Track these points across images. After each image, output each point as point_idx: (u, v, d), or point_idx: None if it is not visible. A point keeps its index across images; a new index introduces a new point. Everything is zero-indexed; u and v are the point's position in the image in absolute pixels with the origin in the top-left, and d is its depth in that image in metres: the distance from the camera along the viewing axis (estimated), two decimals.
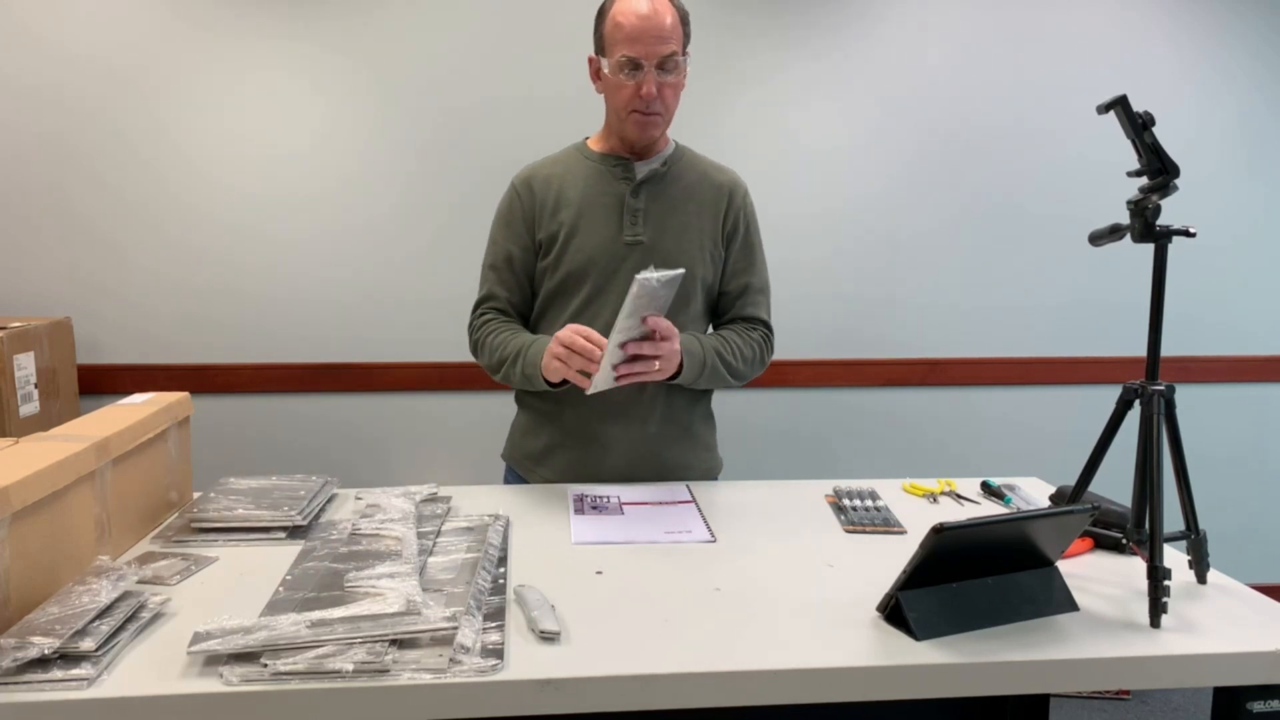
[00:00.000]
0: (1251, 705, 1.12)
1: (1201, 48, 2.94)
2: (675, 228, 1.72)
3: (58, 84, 2.61)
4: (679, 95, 1.69)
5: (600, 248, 1.69)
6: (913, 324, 2.98)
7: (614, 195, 1.71)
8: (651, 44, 1.60)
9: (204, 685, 0.98)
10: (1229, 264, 3.05)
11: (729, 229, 1.78)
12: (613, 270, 1.69)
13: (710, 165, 1.81)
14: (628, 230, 1.69)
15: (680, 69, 1.65)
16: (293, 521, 1.43)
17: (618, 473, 1.73)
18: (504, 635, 1.09)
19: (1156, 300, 1.28)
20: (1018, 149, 2.93)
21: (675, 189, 1.73)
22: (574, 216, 1.70)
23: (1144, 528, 1.24)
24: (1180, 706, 2.78)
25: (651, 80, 1.61)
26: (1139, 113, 1.25)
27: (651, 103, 1.63)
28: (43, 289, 2.68)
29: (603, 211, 1.70)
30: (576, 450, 1.74)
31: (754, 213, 1.83)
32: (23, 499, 1.08)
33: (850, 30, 2.83)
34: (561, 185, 1.73)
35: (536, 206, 1.73)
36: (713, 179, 1.78)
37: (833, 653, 1.07)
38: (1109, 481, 2.69)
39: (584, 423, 1.73)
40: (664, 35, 1.60)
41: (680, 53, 1.64)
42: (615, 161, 1.73)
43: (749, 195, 1.82)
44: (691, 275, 1.71)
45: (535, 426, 1.80)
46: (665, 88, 1.64)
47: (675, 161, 1.76)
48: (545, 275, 1.73)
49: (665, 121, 1.69)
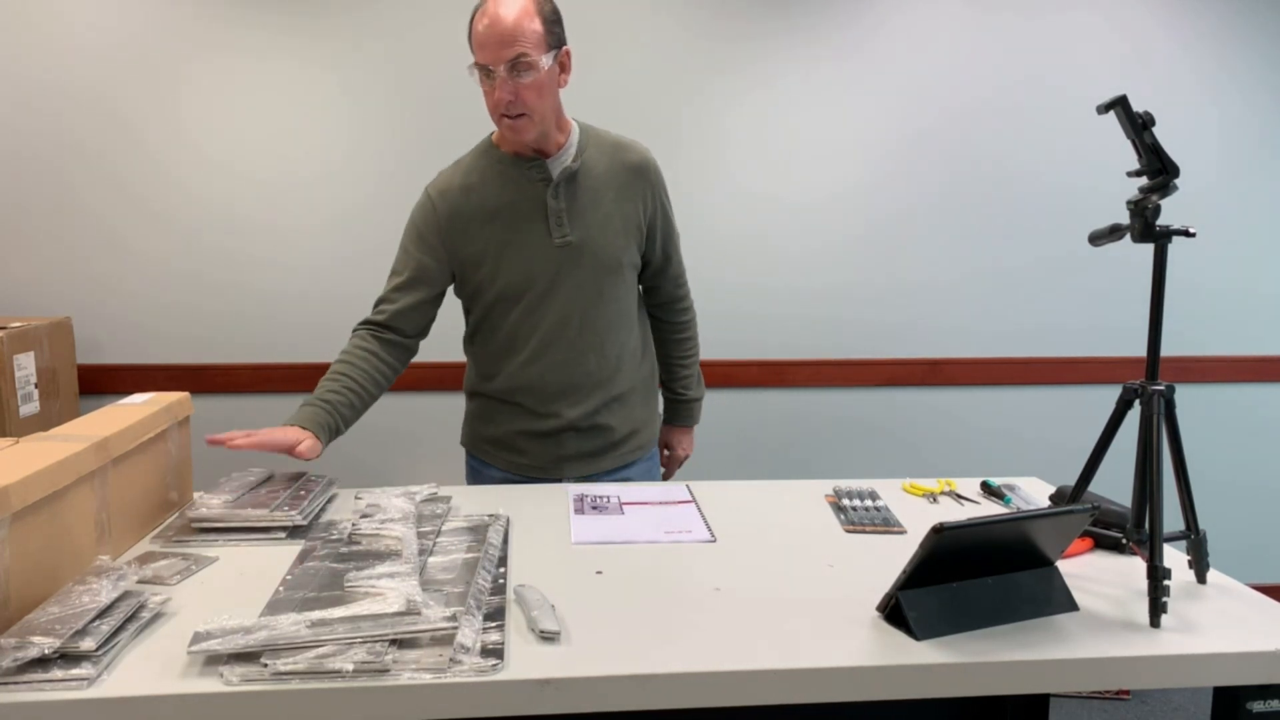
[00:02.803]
0: (1251, 705, 1.12)
1: (1201, 46, 2.94)
2: (599, 221, 1.74)
3: (57, 84, 2.61)
4: (547, 94, 1.64)
5: (534, 257, 1.71)
6: (913, 324, 2.98)
7: (534, 200, 1.71)
8: (496, 49, 1.57)
9: (204, 685, 0.98)
10: (1229, 264, 3.05)
11: (649, 208, 1.81)
12: (552, 276, 1.72)
13: (618, 145, 1.79)
14: (556, 233, 1.71)
15: (536, 70, 1.59)
16: (293, 521, 1.43)
17: (578, 450, 1.81)
18: (504, 635, 1.09)
19: (1156, 300, 1.28)
20: (1018, 150, 2.93)
21: (591, 180, 1.74)
22: (502, 229, 1.71)
23: (1144, 528, 1.24)
24: (1180, 706, 2.78)
25: (503, 85, 1.58)
26: (1139, 113, 1.25)
27: (509, 107, 1.60)
28: (43, 289, 2.68)
29: (528, 219, 1.71)
30: (535, 434, 1.80)
31: (664, 182, 1.85)
32: (23, 499, 1.08)
33: (851, 31, 2.83)
34: (481, 198, 1.72)
35: (456, 223, 1.72)
36: (624, 160, 1.77)
37: (833, 653, 1.07)
38: (1109, 481, 2.70)
39: (539, 406, 1.79)
40: (508, 39, 1.56)
41: (535, 53, 1.58)
42: (528, 164, 1.71)
43: (659, 169, 1.83)
44: (620, 263, 1.76)
45: (490, 413, 1.84)
46: (524, 90, 1.59)
47: (584, 149, 1.75)
48: (481, 289, 1.75)
49: (537, 122, 1.65)
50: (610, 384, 1.80)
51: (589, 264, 1.73)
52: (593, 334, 1.76)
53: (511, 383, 1.79)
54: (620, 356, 1.81)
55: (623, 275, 1.78)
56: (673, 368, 1.99)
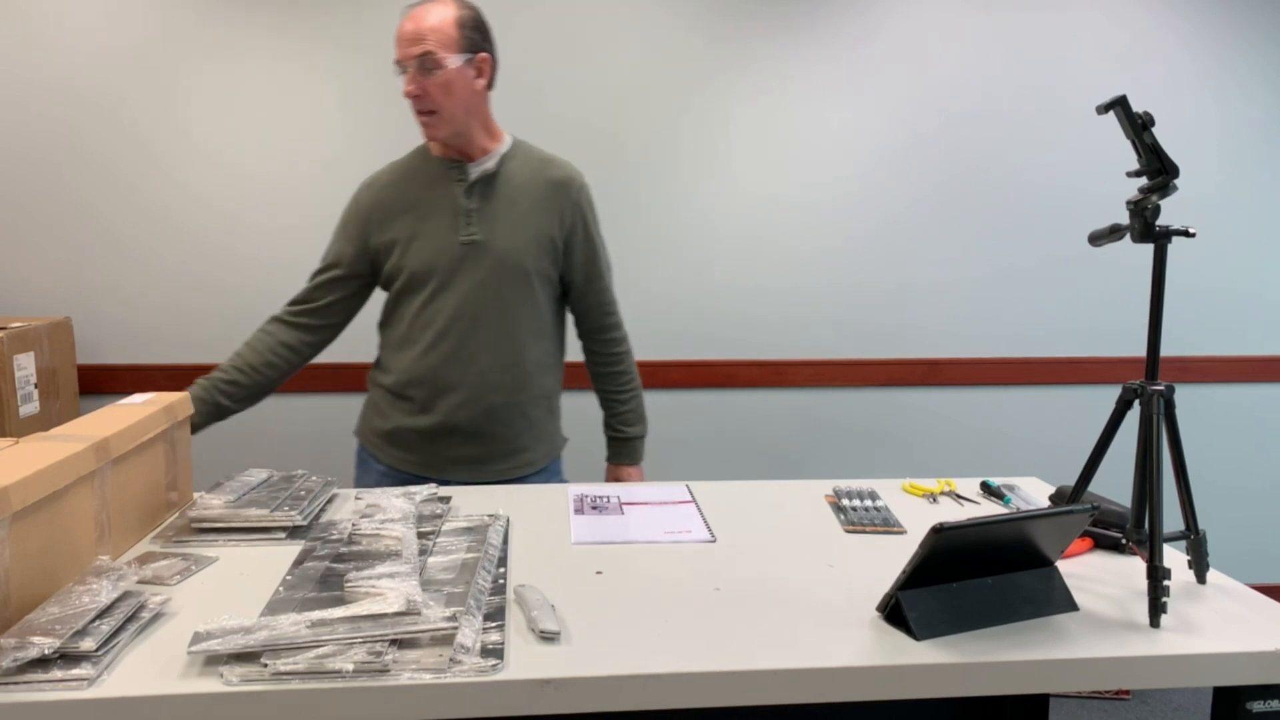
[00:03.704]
0: (1251, 705, 1.12)
1: (1201, 46, 2.94)
2: (508, 225, 1.78)
3: (58, 85, 2.61)
4: (455, 93, 1.71)
5: (438, 249, 1.77)
6: (912, 324, 2.98)
7: (449, 197, 1.78)
8: (406, 46, 1.68)
9: (204, 685, 0.98)
10: (1229, 264, 3.06)
11: (567, 223, 1.83)
12: (452, 270, 1.77)
13: (547, 160, 1.85)
14: (462, 231, 1.76)
15: (443, 67, 1.68)
16: (293, 521, 1.43)
17: (465, 454, 1.82)
18: (504, 635, 1.09)
19: (1156, 300, 1.28)
20: (1017, 150, 2.93)
21: (508, 187, 1.79)
22: (413, 221, 1.79)
23: (1144, 528, 1.24)
24: (1180, 706, 2.78)
25: (411, 80, 1.69)
26: (1138, 113, 1.25)
27: (417, 102, 1.70)
28: (43, 289, 2.68)
29: (439, 214, 1.78)
30: (424, 433, 1.82)
31: (592, 204, 1.88)
32: (23, 499, 1.08)
33: (850, 31, 2.83)
34: (401, 191, 1.81)
35: (376, 213, 1.81)
36: (547, 175, 1.82)
37: (833, 653, 1.07)
38: (1109, 481, 2.71)
39: (424, 401, 1.81)
40: (417, 37, 1.67)
41: (442, 52, 1.67)
42: (450, 164, 1.80)
43: (585, 189, 1.86)
44: (525, 270, 1.79)
45: (384, 407, 1.86)
46: (430, 88, 1.69)
47: (510, 159, 1.81)
48: (392, 277, 1.81)
49: (447, 120, 1.73)
50: (503, 391, 1.80)
51: (492, 265, 1.76)
52: (489, 335, 1.78)
53: (405, 375, 1.81)
54: (518, 365, 1.81)
55: (529, 284, 1.79)
56: (609, 403, 1.98)
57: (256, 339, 1.82)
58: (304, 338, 1.84)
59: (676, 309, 2.88)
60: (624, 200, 2.82)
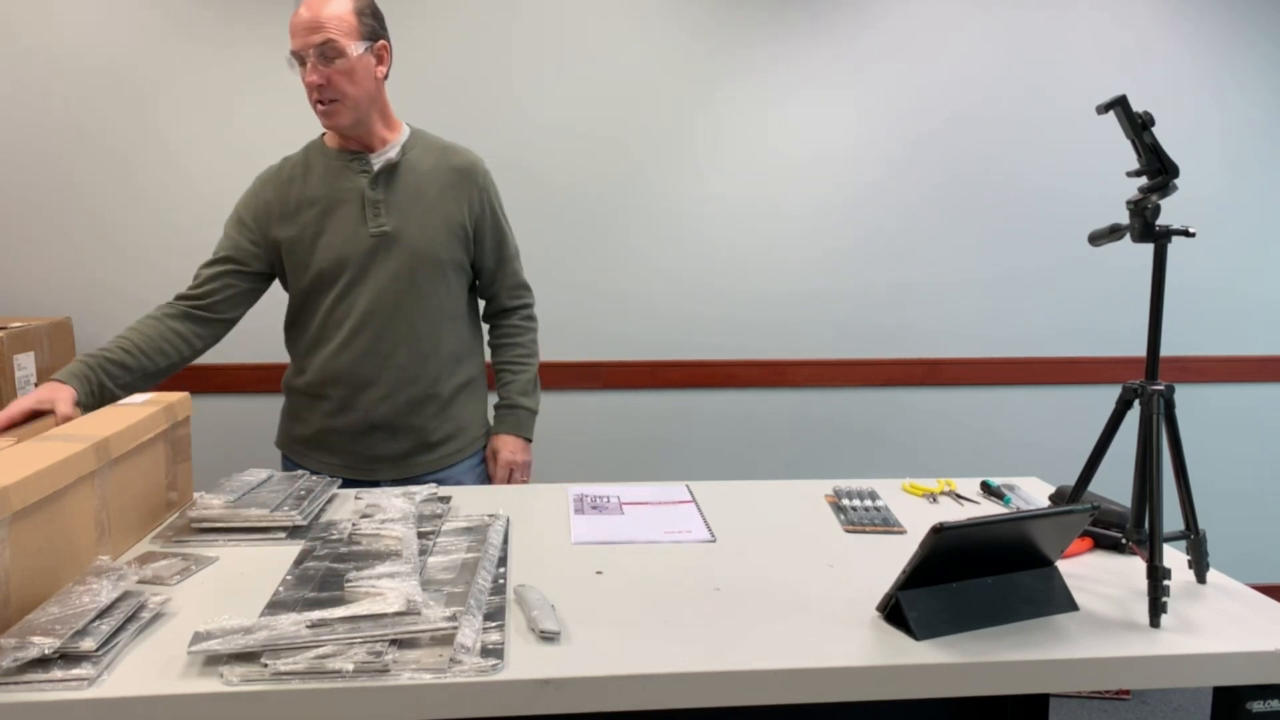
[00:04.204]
0: (1251, 705, 1.12)
1: (1201, 45, 2.94)
2: (418, 214, 1.76)
3: (58, 83, 2.61)
4: (359, 80, 1.70)
5: (347, 243, 1.74)
6: (912, 324, 2.98)
7: (354, 189, 1.75)
8: (304, 35, 1.65)
9: (204, 685, 0.98)
10: (1229, 264, 3.05)
11: (475, 210, 1.82)
12: (363, 264, 1.75)
13: (447, 148, 1.84)
14: (371, 222, 1.74)
15: (345, 55, 1.66)
16: (293, 521, 1.43)
17: (389, 451, 1.81)
18: (504, 635, 1.09)
19: (1156, 300, 1.28)
20: (1017, 150, 2.93)
21: (413, 176, 1.78)
22: (318, 215, 1.75)
23: (1144, 528, 1.24)
24: (1180, 706, 2.78)
25: (314, 70, 1.66)
26: (1138, 113, 1.25)
27: (319, 92, 1.67)
28: (43, 289, 2.68)
29: (345, 207, 1.75)
30: (345, 433, 1.80)
31: (495, 188, 1.88)
32: (23, 499, 1.08)
33: (849, 33, 2.83)
34: (303, 186, 1.77)
35: (276, 208, 1.77)
36: (450, 162, 1.82)
37: (833, 653, 1.07)
38: (1109, 481, 2.70)
39: (349, 405, 1.79)
40: (315, 26, 1.65)
41: (343, 40, 1.65)
42: (351, 156, 1.77)
43: (489, 174, 1.86)
44: (440, 259, 1.77)
45: (301, 413, 1.85)
46: (335, 75, 1.66)
47: (411, 149, 1.80)
48: (297, 274, 1.78)
49: (351, 108, 1.70)
50: (423, 382, 1.79)
51: (404, 255, 1.75)
52: (406, 326, 1.77)
53: (321, 374, 1.79)
54: (437, 355, 1.80)
55: (443, 272, 1.79)
56: (502, 373, 1.95)
57: (147, 325, 1.72)
58: (196, 330, 1.77)
59: (677, 310, 2.88)
60: (624, 203, 2.82)
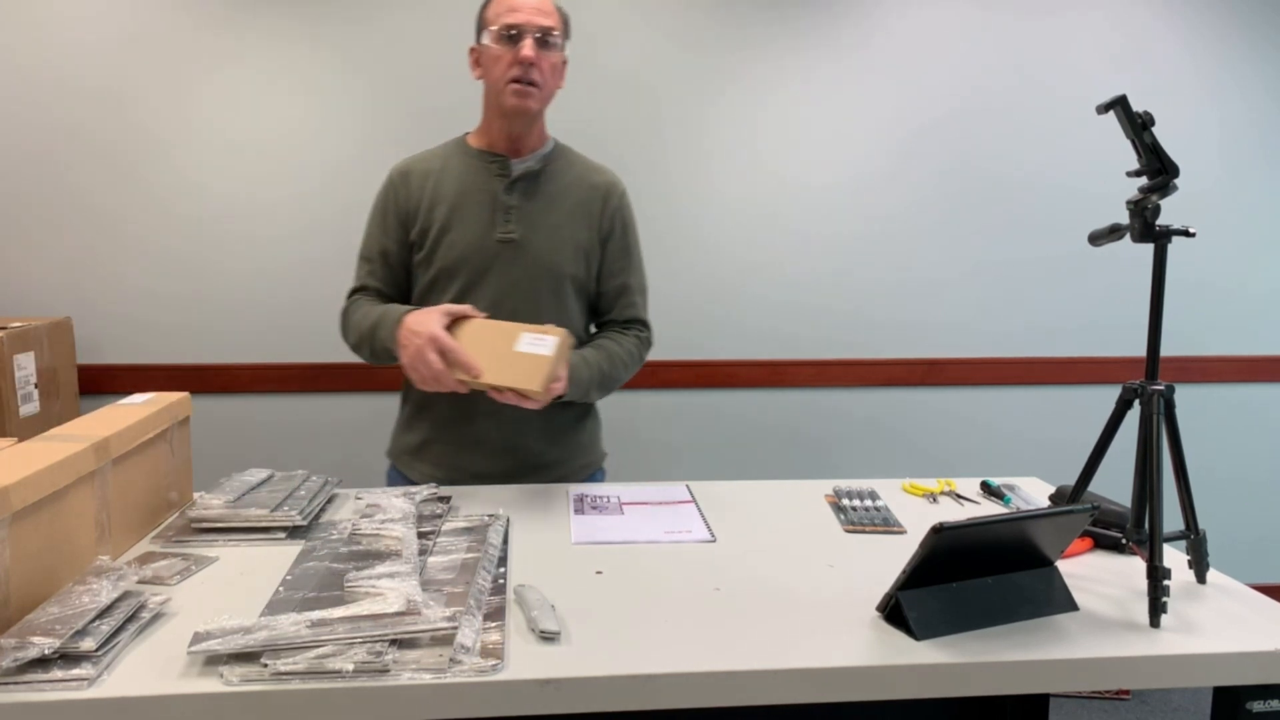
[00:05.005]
0: (1251, 705, 1.12)
1: (1201, 45, 2.94)
2: (548, 226, 1.72)
3: (58, 82, 2.61)
4: (557, 79, 1.70)
5: (472, 244, 1.70)
6: (912, 324, 2.98)
7: (488, 192, 1.71)
8: (531, 14, 1.64)
9: (204, 685, 0.98)
10: (1229, 263, 3.06)
11: (605, 230, 1.78)
12: (484, 267, 1.70)
13: (589, 165, 1.81)
14: (500, 227, 1.70)
15: (558, 50, 1.68)
16: (293, 521, 1.43)
17: (492, 469, 1.75)
18: (504, 635, 1.09)
19: (1156, 300, 1.28)
20: (1017, 150, 2.93)
21: (551, 187, 1.74)
22: (447, 212, 1.71)
23: (1144, 528, 1.24)
24: (1180, 706, 2.78)
25: (530, 46, 1.62)
26: (1138, 112, 1.25)
27: (529, 69, 1.63)
28: (43, 289, 2.68)
29: (476, 208, 1.71)
30: (450, 445, 1.75)
31: (631, 213, 1.83)
32: (23, 499, 1.08)
33: (848, 32, 2.83)
34: (438, 180, 1.73)
35: (411, 201, 1.73)
36: (589, 179, 1.78)
37: (833, 653, 1.07)
38: (1109, 481, 2.70)
39: (458, 418, 1.74)
40: (544, 9, 1.66)
41: (559, 35, 1.67)
42: (492, 158, 1.73)
43: (626, 196, 1.82)
44: (561, 274, 1.72)
45: (411, 422, 1.81)
46: (543, 61, 1.65)
47: (553, 160, 1.76)
48: (420, 270, 1.75)
49: (542, 98, 1.68)
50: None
51: (527, 265, 1.70)
52: None
53: None
54: None
55: (562, 288, 1.73)
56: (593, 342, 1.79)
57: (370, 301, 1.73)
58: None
59: (676, 310, 2.88)
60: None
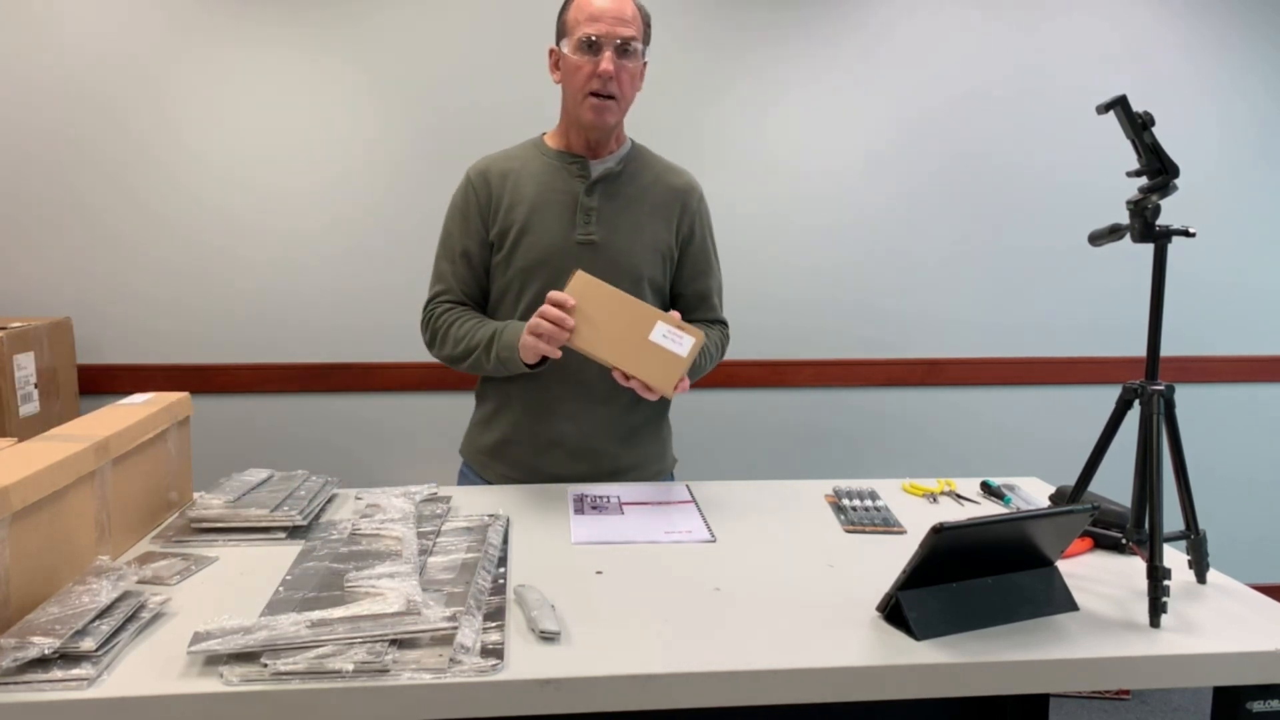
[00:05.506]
0: (1251, 705, 1.12)
1: (1200, 46, 2.94)
2: (628, 228, 1.71)
3: (58, 83, 2.61)
4: (636, 86, 1.69)
5: (552, 246, 1.69)
6: (913, 324, 2.98)
7: (568, 193, 1.71)
8: (612, 24, 1.61)
9: (204, 685, 0.98)
10: (1229, 263, 3.06)
11: (684, 232, 1.78)
12: (564, 268, 1.68)
13: (666, 167, 1.80)
14: (580, 229, 1.69)
15: (638, 58, 1.65)
16: (293, 521, 1.43)
17: (569, 473, 1.74)
18: (504, 635, 1.09)
19: (1156, 300, 1.28)
20: (1018, 151, 2.93)
21: (630, 189, 1.73)
22: (527, 213, 1.70)
23: (1144, 528, 1.24)
24: (1180, 706, 2.78)
25: (610, 59, 1.61)
26: (1138, 113, 1.25)
27: (608, 82, 1.62)
28: (43, 289, 2.68)
29: (556, 209, 1.70)
30: (528, 447, 1.75)
31: (708, 215, 1.83)
32: (23, 499, 1.08)
33: (849, 33, 2.83)
34: (517, 181, 1.72)
35: (492, 201, 1.72)
36: (668, 181, 1.77)
37: (833, 653, 1.07)
38: (1109, 481, 2.69)
39: (534, 420, 1.74)
40: (626, 19, 1.63)
41: (640, 41, 1.65)
42: (571, 159, 1.72)
43: (704, 199, 1.82)
44: (640, 276, 1.72)
45: (489, 421, 1.80)
46: (623, 72, 1.63)
47: (631, 161, 1.75)
48: (498, 271, 1.74)
49: (620, 109, 1.67)
50: (612, 404, 1.73)
51: (605, 266, 1.68)
52: None
53: (508, 386, 1.75)
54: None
55: (640, 291, 1.71)
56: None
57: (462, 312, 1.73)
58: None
59: None
60: None
